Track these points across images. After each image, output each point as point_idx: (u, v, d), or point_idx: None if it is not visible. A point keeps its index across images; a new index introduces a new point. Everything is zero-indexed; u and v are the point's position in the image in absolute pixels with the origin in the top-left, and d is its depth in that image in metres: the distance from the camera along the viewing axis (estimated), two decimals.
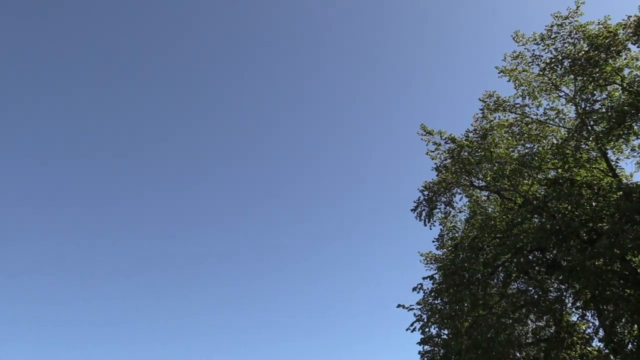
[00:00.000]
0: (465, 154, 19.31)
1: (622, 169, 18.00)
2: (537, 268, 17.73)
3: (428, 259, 22.18)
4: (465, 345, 16.49)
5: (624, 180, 17.21)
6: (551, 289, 17.82)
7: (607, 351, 17.39)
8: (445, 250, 21.50)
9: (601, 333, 17.08)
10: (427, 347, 19.81)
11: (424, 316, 19.03)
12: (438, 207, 20.60)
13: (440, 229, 21.70)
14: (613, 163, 17.64)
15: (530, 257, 17.62)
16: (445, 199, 20.52)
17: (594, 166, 17.69)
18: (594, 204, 15.71)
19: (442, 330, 19.33)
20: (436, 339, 19.41)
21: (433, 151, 20.23)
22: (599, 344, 18.06)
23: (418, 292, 19.13)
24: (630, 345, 16.29)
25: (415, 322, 19.22)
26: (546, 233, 15.61)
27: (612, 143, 16.90)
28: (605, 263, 14.36)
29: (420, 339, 19.49)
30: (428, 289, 19.15)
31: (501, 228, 18.22)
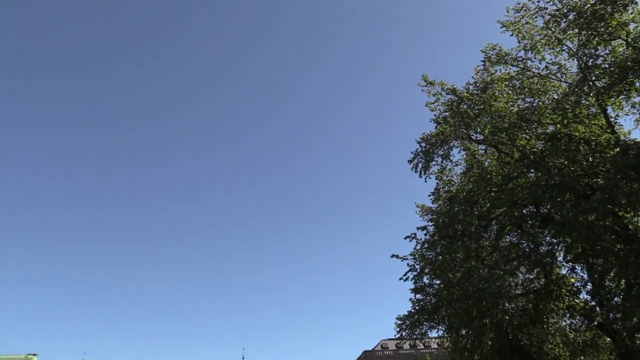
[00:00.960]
0: (465, 106, 19.21)
1: (621, 125, 17.96)
2: (530, 222, 17.98)
3: (423, 211, 22.42)
4: (457, 295, 16.90)
5: (622, 137, 17.20)
6: (543, 242, 18.13)
7: (593, 303, 17.90)
8: (440, 203, 21.70)
9: (589, 286, 17.53)
10: (419, 296, 20.33)
11: (417, 267, 19.46)
12: (435, 159, 20.65)
13: (437, 183, 21.83)
14: (612, 119, 17.59)
15: (524, 211, 17.82)
16: (442, 152, 20.55)
17: (592, 122, 17.65)
18: (590, 159, 15.76)
19: (434, 281, 19.80)
20: (428, 289, 19.90)
21: (433, 103, 20.13)
22: (586, 296, 18.58)
23: (411, 241, 19.46)
24: (616, 298, 16.75)
25: (408, 271, 19.65)
26: (541, 188, 15.74)
27: (613, 99, 16.80)
28: (597, 218, 14.55)
29: (413, 288, 19.98)
30: (422, 239, 19.48)
31: (497, 182, 18.34)
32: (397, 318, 20.52)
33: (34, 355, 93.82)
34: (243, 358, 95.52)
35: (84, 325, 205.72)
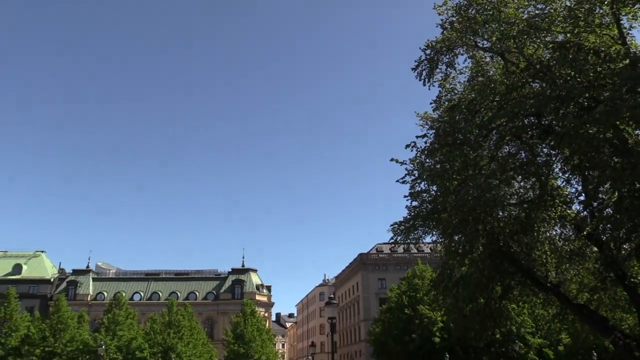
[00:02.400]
0: (473, 11, 18.49)
1: (634, 37, 17.35)
2: (530, 133, 17.95)
3: (424, 119, 22.30)
4: (452, 202, 17.27)
5: (633, 49, 16.72)
6: (541, 153, 18.23)
7: (585, 214, 18.34)
8: (441, 111, 21.52)
9: (582, 197, 17.87)
10: (415, 203, 20.79)
11: (416, 172, 19.75)
12: (439, 67, 20.21)
13: (439, 91, 21.49)
14: (625, 30, 16.98)
15: (525, 121, 17.74)
16: (447, 59, 20.05)
17: (604, 32, 17.05)
18: (598, 70, 15.44)
19: (431, 188, 20.16)
20: (425, 195, 20.30)
21: (441, 6, 19.35)
22: (578, 207, 18.99)
23: (411, 150, 19.59)
24: (608, 209, 17.13)
25: (406, 175, 19.98)
26: (545, 98, 15.57)
27: (628, 8, 16.12)
28: (598, 131, 14.52)
29: (409, 194, 20.38)
30: (421, 147, 19.58)
31: (500, 91, 18.09)
32: (392, 224, 21.14)
33: (42, 252, 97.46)
34: (243, 258, 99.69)
35: (91, 225, 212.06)
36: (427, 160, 19.66)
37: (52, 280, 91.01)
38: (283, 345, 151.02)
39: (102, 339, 61.05)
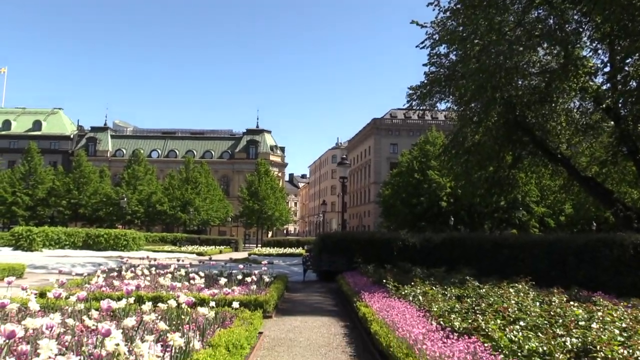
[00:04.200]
0: None
1: None
2: None
3: None
4: (472, 68, 16.77)
5: None
6: (571, 20, 17.25)
7: (607, 86, 17.83)
8: None
9: (607, 69, 17.26)
10: (433, 68, 20.24)
11: (436, 36, 18.97)
12: None
13: None
14: None
15: None
16: None
17: None
18: None
19: (450, 52, 19.48)
20: (444, 60, 19.70)
21: None
22: (602, 79, 18.42)
23: (434, 9, 18.63)
24: (632, 82, 16.62)
25: (426, 39, 19.22)
26: None
27: None
28: None
29: (427, 59, 19.79)
30: (445, 7, 18.58)
31: None
32: (408, 88, 20.78)
33: (60, 109, 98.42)
34: (257, 119, 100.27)
35: (107, 81, 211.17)
36: (450, 22, 18.75)
37: (71, 136, 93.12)
38: (295, 204, 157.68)
39: (123, 192, 64.05)
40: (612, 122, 18.61)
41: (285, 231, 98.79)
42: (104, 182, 70.38)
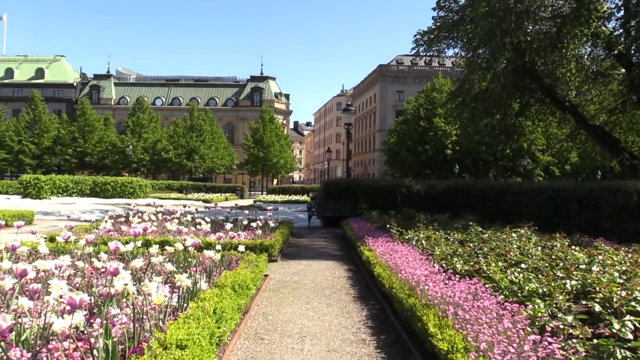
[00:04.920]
0: None
1: None
2: None
3: None
4: (482, 11, 16.35)
5: None
6: None
7: (620, 32, 17.37)
8: None
9: (621, 14, 16.78)
10: (442, 13, 19.74)
11: None
12: None
13: None
14: None
15: None
16: None
17: None
18: None
19: None
20: (452, 4, 19.18)
21: None
22: (615, 24, 17.92)
23: None
24: None
25: None
26: None
27: None
28: None
29: (437, 2, 19.28)
30: None
31: None
32: (416, 33, 20.35)
33: (62, 56, 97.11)
34: (262, 65, 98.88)
35: (108, 28, 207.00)
36: None
37: (74, 84, 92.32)
38: (300, 151, 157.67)
39: (128, 140, 64.08)
40: (623, 70, 18.26)
41: (290, 179, 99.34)
42: (108, 130, 70.32)
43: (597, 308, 4.77)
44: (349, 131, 23.23)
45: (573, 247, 8.56)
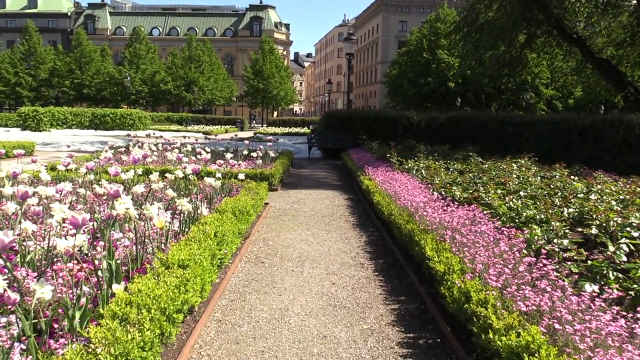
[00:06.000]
0: None
1: None
2: None
3: None
4: None
5: None
6: None
7: None
8: None
9: None
10: None
11: None
12: None
13: None
14: None
15: None
16: None
17: None
18: None
19: None
20: None
21: None
22: None
23: None
24: None
25: None
26: None
27: None
28: None
29: None
30: None
31: None
32: None
33: None
34: None
35: None
36: None
37: (69, 14, 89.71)
38: (301, 83, 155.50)
39: (126, 72, 63.02)
40: (634, 1, 17.64)
41: (290, 111, 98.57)
42: (105, 62, 68.99)
43: (594, 231, 4.83)
44: (350, 62, 22.77)
45: (572, 177, 8.59)
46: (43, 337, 2.71)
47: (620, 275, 3.65)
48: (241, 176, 7.85)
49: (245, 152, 12.63)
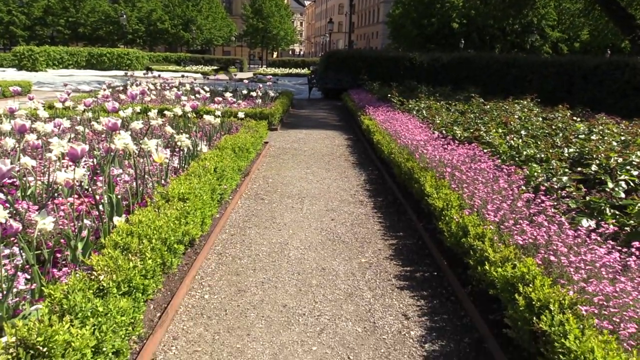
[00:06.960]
0: None
1: None
2: None
3: None
4: None
5: None
6: None
7: None
8: None
9: None
10: None
11: None
12: None
13: None
14: None
15: None
16: None
17: None
18: None
19: None
20: None
21: None
22: None
23: None
24: None
25: None
26: None
27: None
28: None
29: None
30: None
31: None
32: None
33: None
34: None
35: None
36: None
37: None
38: (301, 23, 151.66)
39: (122, 10, 61.32)
40: None
41: (290, 52, 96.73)
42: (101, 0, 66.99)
43: (594, 168, 4.83)
44: (352, 0, 22.13)
45: (574, 118, 8.52)
46: (46, 267, 2.75)
47: (617, 212, 3.67)
48: (241, 115, 7.78)
49: (245, 92, 12.47)
